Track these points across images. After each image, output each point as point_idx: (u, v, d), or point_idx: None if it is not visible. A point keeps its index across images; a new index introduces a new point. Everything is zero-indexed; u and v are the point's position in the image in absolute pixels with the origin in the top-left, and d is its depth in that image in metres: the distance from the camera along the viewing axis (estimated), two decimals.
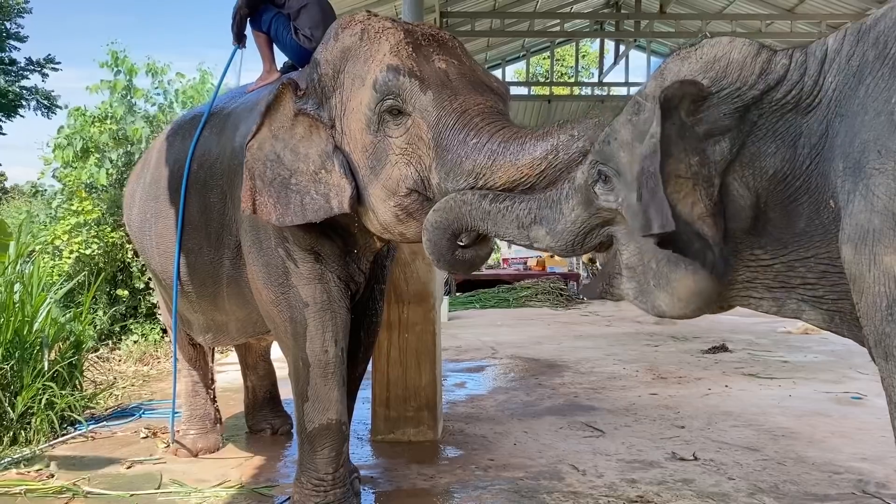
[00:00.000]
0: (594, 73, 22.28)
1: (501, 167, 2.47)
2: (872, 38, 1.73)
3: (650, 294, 2.04)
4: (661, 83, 1.93)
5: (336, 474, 3.26)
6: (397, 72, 2.71)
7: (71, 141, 8.09)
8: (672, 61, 1.97)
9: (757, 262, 1.90)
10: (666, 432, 4.70)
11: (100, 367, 6.67)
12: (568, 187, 2.22)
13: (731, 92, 1.84)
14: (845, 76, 1.77)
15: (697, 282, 1.93)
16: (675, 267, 1.95)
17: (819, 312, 1.90)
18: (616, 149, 2.01)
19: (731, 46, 1.88)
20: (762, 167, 1.84)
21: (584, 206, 2.16)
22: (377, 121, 2.76)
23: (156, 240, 3.95)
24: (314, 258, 3.17)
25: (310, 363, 3.19)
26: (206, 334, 4.08)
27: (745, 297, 1.98)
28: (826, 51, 1.82)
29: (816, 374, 6.50)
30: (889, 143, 1.61)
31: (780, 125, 1.83)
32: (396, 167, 2.73)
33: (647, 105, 1.94)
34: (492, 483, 3.80)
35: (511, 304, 13.11)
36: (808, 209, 1.80)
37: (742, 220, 1.87)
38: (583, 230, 2.19)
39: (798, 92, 1.82)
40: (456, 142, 2.58)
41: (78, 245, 7.46)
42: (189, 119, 4.06)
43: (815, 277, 1.84)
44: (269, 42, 3.77)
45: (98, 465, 4.12)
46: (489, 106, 2.66)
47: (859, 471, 3.90)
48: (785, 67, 1.84)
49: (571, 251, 2.26)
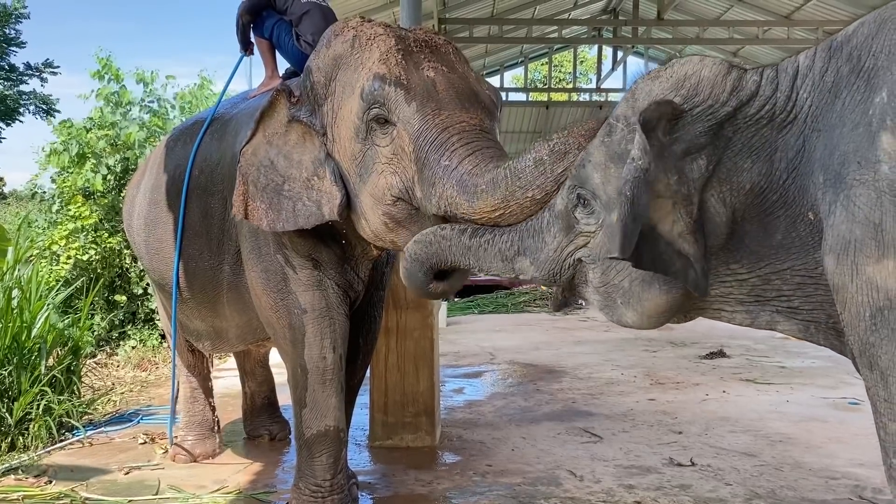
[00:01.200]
0: (592, 79, 22.29)
1: (460, 204, 2.45)
2: (846, 53, 1.76)
3: (615, 308, 2.07)
4: (632, 104, 1.97)
5: (334, 480, 3.27)
6: (384, 81, 2.70)
7: (67, 146, 8.08)
8: (642, 81, 2.00)
9: (733, 276, 1.91)
10: (663, 438, 4.71)
11: (98, 373, 6.66)
12: (549, 215, 2.22)
13: (704, 110, 1.87)
14: (820, 92, 1.79)
15: (670, 301, 1.97)
16: (648, 287, 1.98)
17: (794, 323, 1.92)
18: (591, 171, 2.03)
19: (702, 65, 1.91)
20: (739, 182, 1.86)
21: (565, 231, 2.16)
22: (365, 129, 2.76)
23: (156, 245, 3.95)
24: (312, 265, 3.18)
25: (308, 370, 3.20)
26: (205, 341, 4.08)
27: (716, 310, 2.00)
28: (797, 67, 1.85)
29: (814, 379, 6.50)
30: (868, 154, 1.62)
31: (756, 140, 1.85)
32: (383, 176, 2.73)
33: (619, 126, 1.97)
34: (489, 489, 3.81)
35: (509, 309, 13.09)
36: (785, 222, 1.82)
37: (718, 236, 1.89)
38: (565, 256, 2.18)
39: (771, 107, 1.84)
40: (432, 160, 2.57)
41: (76, 250, 7.45)
42: (190, 125, 4.07)
43: (791, 289, 1.86)
44: (272, 48, 3.79)
45: (96, 471, 4.13)
46: (472, 124, 2.62)
47: (856, 476, 3.91)
48: (756, 84, 1.86)
49: (553, 280, 2.23)
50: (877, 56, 1.69)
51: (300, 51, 3.61)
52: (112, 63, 8.49)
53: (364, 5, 10.48)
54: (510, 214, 2.35)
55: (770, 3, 12.79)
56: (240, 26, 3.81)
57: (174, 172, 3.82)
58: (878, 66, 1.67)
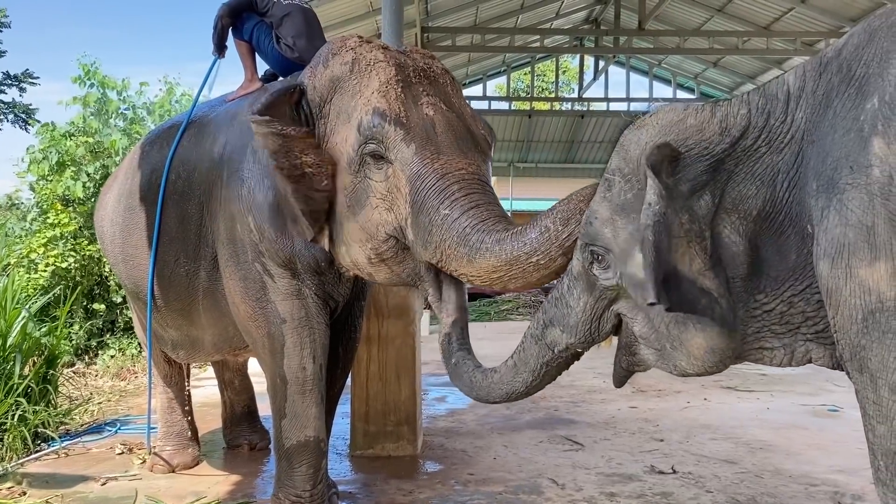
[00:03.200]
0: (574, 88, 22.45)
1: (459, 258, 2.46)
2: (836, 65, 1.78)
3: (669, 357, 2.05)
4: (623, 155, 2.01)
5: (314, 491, 3.24)
6: (383, 118, 2.65)
7: (46, 154, 8.02)
8: (629, 132, 2.03)
9: (761, 307, 1.91)
10: (645, 445, 4.71)
11: (76, 383, 6.58)
12: (567, 280, 2.22)
13: (699, 152, 1.89)
14: (813, 107, 1.81)
15: (707, 339, 1.95)
16: (684, 328, 1.97)
17: (824, 349, 1.91)
18: (599, 227, 2.05)
19: (686, 113, 1.94)
20: (746, 210, 1.87)
21: (588, 291, 2.15)
22: (358, 161, 2.72)
23: (131, 252, 3.88)
24: (291, 274, 3.13)
25: (287, 380, 3.16)
26: (180, 350, 4.01)
27: (758, 349, 1.98)
28: (788, 90, 1.86)
29: (794, 386, 6.55)
30: (860, 159, 1.64)
31: (758, 167, 1.87)
32: (377, 211, 2.70)
33: (616, 179, 2.01)
34: (471, 497, 3.79)
35: (492, 317, 13.10)
36: (796, 240, 1.84)
37: (738, 265, 1.89)
38: (594, 316, 2.16)
39: (767, 135, 1.86)
40: (430, 206, 2.55)
41: (54, 258, 7.37)
42: (166, 129, 3.98)
43: (814, 310, 1.86)
44: (252, 51, 3.70)
45: (72, 481, 4.06)
46: (470, 172, 2.61)
47: (835, 483, 3.93)
48: (745, 117, 1.89)
49: (591, 340, 2.21)
50: (868, 64, 1.70)
51: (280, 53, 3.54)
52: (98, 69, 8.46)
53: (347, 13, 10.48)
54: (510, 278, 2.36)
55: (750, 14, 12.95)
56: (218, 29, 3.71)
57: (150, 177, 3.74)
58: (870, 74, 1.69)
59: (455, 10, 12.59)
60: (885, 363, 1.62)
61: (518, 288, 2.43)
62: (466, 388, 2.53)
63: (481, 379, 2.47)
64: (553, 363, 2.29)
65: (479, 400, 2.52)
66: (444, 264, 2.54)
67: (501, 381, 2.40)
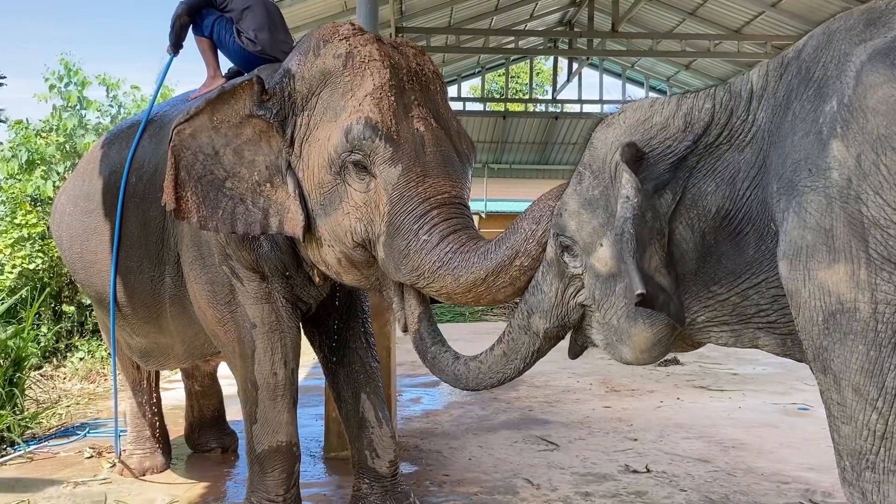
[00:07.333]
0: (548, 90, 22.50)
1: (443, 277, 2.44)
2: (796, 66, 1.81)
3: (615, 348, 2.12)
4: (592, 152, 2.06)
5: (287, 495, 3.19)
6: (375, 131, 2.56)
7: (16, 152, 7.87)
8: (598, 129, 2.08)
9: (715, 298, 1.93)
10: (619, 445, 4.73)
11: (43, 386, 6.45)
12: (543, 266, 2.25)
13: (663, 150, 1.93)
14: (774, 108, 1.83)
15: (656, 333, 2.01)
16: (633, 322, 2.01)
17: (773, 338, 1.94)
18: (567, 218, 2.09)
19: (652, 110, 1.98)
20: (705, 207, 1.89)
21: (559, 277, 2.19)
22: (340, 165, 2.63)
23: (90, 258, 3.74)
24: (259, 277, 3.08)
25: (258, 385, 3.11)
26: (149, 358, 3.90)
27: (706, 333, 2.02)
28: (751, 88, 1.90)
29: (765, 385, 6.63)
30: (819, 161, 1.65)
31: (719, 165, 1.90)
32: (348, 217, 2.64)
33: (586, 174, 2.05)
34: (447, 498, 3.77)
35: (467, 318, 13.09)
36: (755, 237, 1.85)
37: (687, 262, 1.92)
38: (566, 300, 2.19)
39: (729, 132, 1.89)
40: (408, 228, 2.52)
41: (21, 259, 7.22)
42: (126, 128, 3.84)
43: (768, 303, 1.88)
44: (213, 47, 3.59)
45: (39, 486, 3.98)
46: (452, 195, 2.59)
47: (806, 480, 3.98)
48: (710, 112, 1.91)
49: (564, 325, 2.24)
50: (826, 66, 1.72)
51: (242, 48, 3.44)
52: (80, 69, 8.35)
53: (320, 12, 10.38)
54: (497, 288, 2.36)
55: (721, 18, 13.07)
56: (176, 27, 3.58)
57: (109, 179, 3.61)
58: (828, 76, 1.70)
59: (430, 10, 12.56)
60: (848, 364, 1.63)
61: (509, 297, 2.40)
62: (451, 380, 2.53)
63: (466, 370, 2.49)
64: (543, 350, 2.35)
65: (468, 389, 2.54)
66: (422, 286, 2.51)
67: (491, 371, 2.43)
